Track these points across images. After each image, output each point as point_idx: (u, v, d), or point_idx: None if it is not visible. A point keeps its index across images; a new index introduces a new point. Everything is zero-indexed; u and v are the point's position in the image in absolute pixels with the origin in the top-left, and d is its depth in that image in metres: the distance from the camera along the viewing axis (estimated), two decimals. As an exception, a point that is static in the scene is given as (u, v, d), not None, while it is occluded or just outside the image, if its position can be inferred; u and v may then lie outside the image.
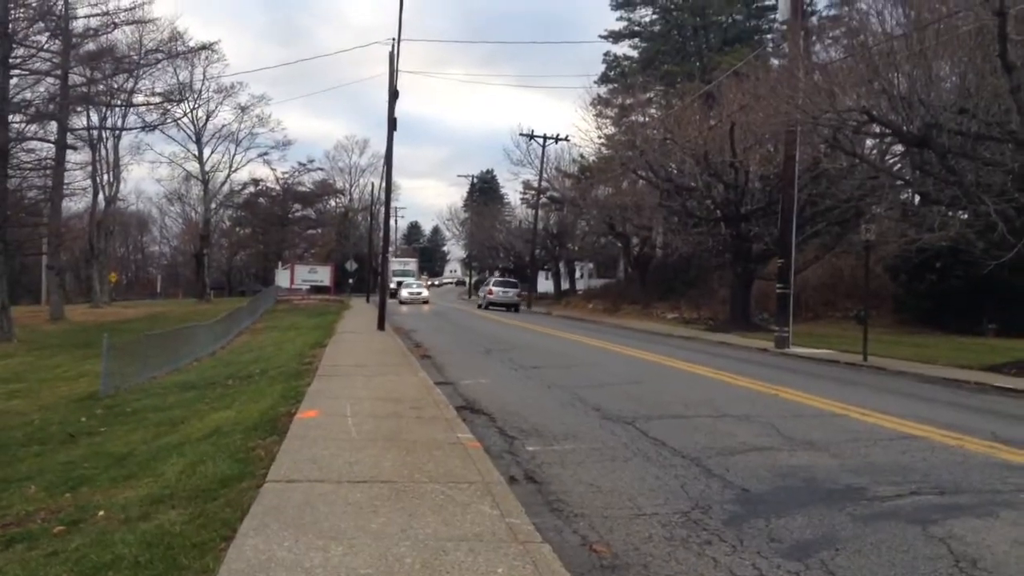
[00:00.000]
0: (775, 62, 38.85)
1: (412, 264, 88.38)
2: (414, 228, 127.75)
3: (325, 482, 6.41)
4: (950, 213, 18.70)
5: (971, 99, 15.71)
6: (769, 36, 56.26)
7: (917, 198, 25.37)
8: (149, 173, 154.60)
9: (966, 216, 18.49)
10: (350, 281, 70.11)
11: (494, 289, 50.67)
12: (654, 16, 62.81)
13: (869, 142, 23.77)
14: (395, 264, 76.26)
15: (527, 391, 12.77)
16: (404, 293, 58.16)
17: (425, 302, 57.33)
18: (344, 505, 5.76)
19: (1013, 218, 15.06)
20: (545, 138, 56.08)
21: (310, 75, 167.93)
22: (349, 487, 6.25)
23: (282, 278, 73.34)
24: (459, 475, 6.64)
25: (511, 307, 48.58)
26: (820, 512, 6.13)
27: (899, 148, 23.00)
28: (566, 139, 56.17)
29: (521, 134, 59.31)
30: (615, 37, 63.06)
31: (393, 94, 26.64)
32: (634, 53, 63.51)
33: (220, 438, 9.31)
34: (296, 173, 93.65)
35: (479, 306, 51.34)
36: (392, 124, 26.82)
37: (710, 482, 7.02)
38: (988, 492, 6.72)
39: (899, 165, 24.70)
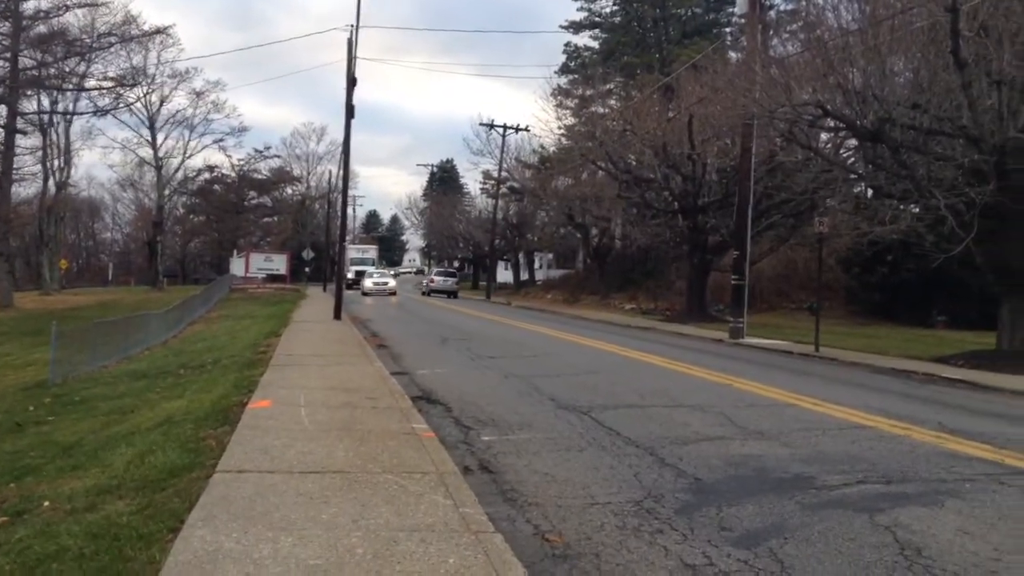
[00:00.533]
0: (733, 55, 39.21)
1: (372, 251, 78.76)
2: (372, 217, 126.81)
3: (276, 472, 6.34)
4: (902, 207, 19.02)
5: (924, 94, 15.96)
6: (728, 30, 56.70)
7: (870, 192, 25.75)
8: (101, 159, 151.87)
9: (917, 210, 18.82)
10: (307, 270, 69.48)
11: (435, 278, 60.97)
12: (615, 7, 62.92)
13: (824, 136, 24.06)
14: (353, 251, 69.88)
15: (484, 381, 12.76)
16: (368, 283, 52.79)
17: (392, 294, 51.91)
18: (295, 496, 5.70)
19: (963, 212, 15.33)
20: (505, 128, 55.98)
21: (266, 61, 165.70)
22: (300, 477, 6.19)
23: (237, 266, 72.36)
24: (413, 465, 6.61)
25: (450, 294, 57.07)
26: (770, 501, 6.20)
27: (853, 142, 23.31)
28: (526, 129, 56.10)
29: (481, 124, 59.22)
30: (576, 28, 63.14)
31: (351, 81, 26.39)
32: (595, 44, 63.66)
33: (171, 428, 9.18)
34: (252, 160, 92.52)
35: (422, 292, 59.97)
36: (350, 112, 26.58)
37: (663, 471, 7.07)
38: (934, 481, 6.86)
39: (853, 159, 25.04)
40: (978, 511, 5.99)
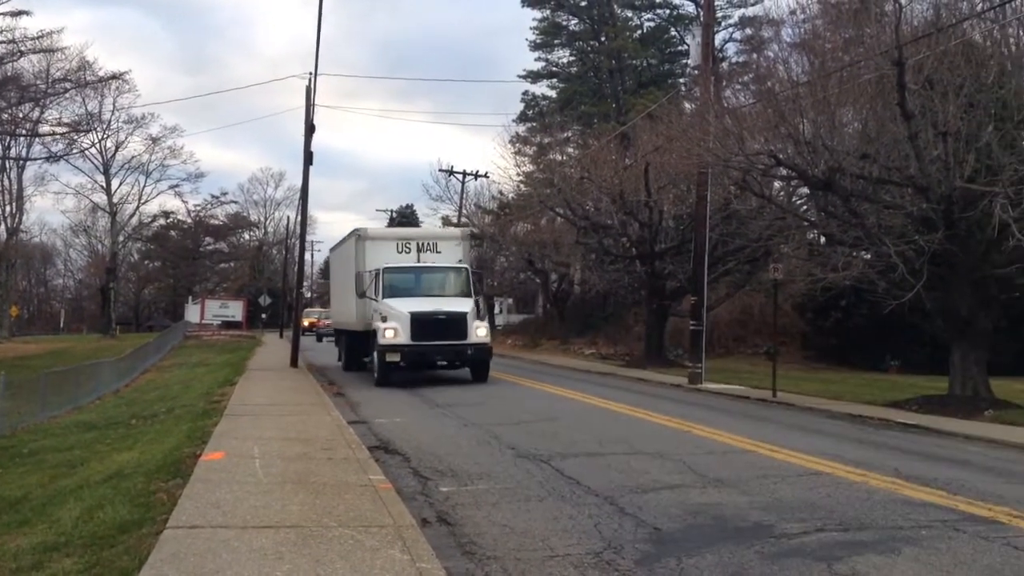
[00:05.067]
0: (687, 106, 39.94)
1: (452, 248, 23.39)
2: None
3: (229, 528, 6.21)
4: (853, 254, 19.31)
5: (872, 145, 16.33)
6: (681, 80, 57.77)
7: (823, 239, 26.23)
8: (54, 204, 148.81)
9: (869, 257, 19.15)
10: (263, 316, 68.73)
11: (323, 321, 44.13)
12: (571, 58, 63.98)
13: (777, 184, 24.48)
14: (381, 250, 22.79)
15: (443, 430, 12.65)
16: None
17: None
18: (248, 552, 5.58)
19: (912, 259, 15.63)
20: (464, 174, 56.25)
21: (223, 104, 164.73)
22: (254, 533, 6.06)
23: (192, 313, 71.52)
24: (370, 518, 6.51)
25: None
26: (729, 550, 6.19)
27: (805, 190, 23.74)
28: (485, 176, 56.33)
29: (440, 170, 59.26)
30: (533, 77, 63.97)
31: (310, 129, 26.42)
32: (552, 93, 64.46)
33: (121, 481, 8.97)
34: (209, 206, 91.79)
35: (317, 340, 47.33)
36: (308, 158, 26.58)
37: (623, 521, 7.04)
38: (890, 528, 6.90)
39: (805, 207, 25.49)
40: (934, 559, 6.03)
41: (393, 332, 19.55)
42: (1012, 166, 14.55)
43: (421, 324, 19.53)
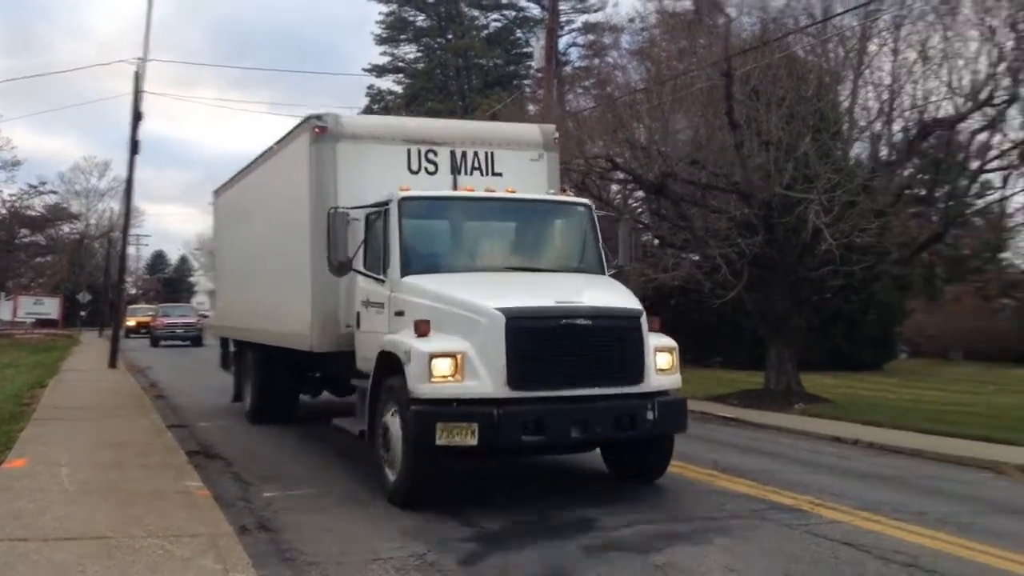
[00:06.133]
0: (532, 107, 40.56)
1: (521, 167, 10.64)
2: (159, 257, 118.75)
3: (28, 540, 5.80)
4: (682, 255, 20.11)
5: (702, 151, 17.06)
6: (527, 82, 58.59)
7: (655, 241, 27.23)
8: None
9: (696, 258, 19.98)
10: (82, 314, 64.73)
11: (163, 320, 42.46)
12: (418, 54, 63.69)
13: (614, 187, 25.20)
14: (364, 159, 9.76)
15: (273, 433, 12.19)
16: None
17: None
18: (48, 566, 5.25)
19: (735, 261, 16.40)
20: (305, 168, 54.90)
21: (46, 88, 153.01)
22: (55, 545, 5.68)
23: (3, 310, 66.51)
24: (182, 527, 6.20)
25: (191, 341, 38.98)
26: (554, 545, 6.31)
27: (640, 194, 24.54)
28: (327, 170, 55.14)
29: (280, 163, 57.51)
30: (379, 71, 63.24)
31: (136, 116, 25.03)
32: (398, 88, 63.96)
33: (-94, 494, 8.18)
34: (25, 196, 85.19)
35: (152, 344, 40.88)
36: (134, 147, 25.14)
37: (450, 522, 7.01)
38: (704, 519, 7.21)
39: (640, 210, 26.36)
40: (743, 547, 6.34)
41: (452, 364, 7.23)
42: (826, 175, 15.52)
43: (537, 341, 7.44)
